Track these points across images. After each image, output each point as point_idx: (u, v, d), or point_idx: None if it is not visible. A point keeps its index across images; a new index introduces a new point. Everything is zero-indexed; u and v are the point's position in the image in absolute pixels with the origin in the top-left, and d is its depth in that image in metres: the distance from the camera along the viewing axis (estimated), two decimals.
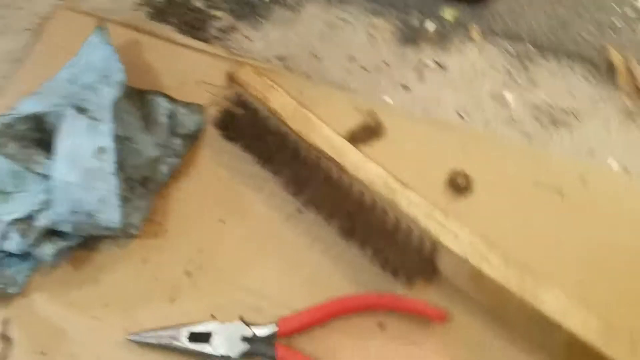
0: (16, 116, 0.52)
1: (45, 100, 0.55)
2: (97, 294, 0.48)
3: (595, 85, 0.58)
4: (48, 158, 0.50)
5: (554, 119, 0.56)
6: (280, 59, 0.62)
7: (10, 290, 0.47)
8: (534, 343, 0.45)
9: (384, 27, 0.63)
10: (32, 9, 0.66)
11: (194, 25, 0.65)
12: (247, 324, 0.46)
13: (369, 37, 0.62)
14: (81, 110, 0.49)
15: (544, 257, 0.48)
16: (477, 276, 0.44)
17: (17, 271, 0.48)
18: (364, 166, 0.48)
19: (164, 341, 0.45)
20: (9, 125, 0.51)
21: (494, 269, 0.43)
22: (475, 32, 0.62)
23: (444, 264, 0.46)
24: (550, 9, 0.62)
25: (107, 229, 0.47)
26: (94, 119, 0.48)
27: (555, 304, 0.42)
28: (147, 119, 0.54)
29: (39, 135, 0.52)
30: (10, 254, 0.47)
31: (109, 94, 0.50)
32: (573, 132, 0.55)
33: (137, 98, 0.55)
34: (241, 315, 0.47)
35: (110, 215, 0.46)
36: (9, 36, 0.64)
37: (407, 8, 0.64)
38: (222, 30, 0.64)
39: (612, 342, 0.40)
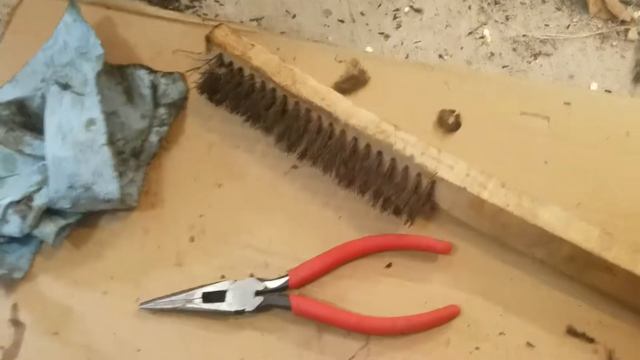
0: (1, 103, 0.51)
1: (24, 86, 0.54)
2: (102, 269, 0.48)
3: (567, 13, 0.59)
4: (37, 139, 0.49)
5: (532, 49, 0.57)
6: (255, 20, 0.61)
7: (15, 275, 0.47)
8: (537, 262, 0.46)
9: None
10: None
11: None
12: (259, 279, 0.46)
13: None
14: (65, 86, 0.48)
15: (537, 182, 0.49)
16: (477, 204, 0.45)
17: (19, 256, 0.48)
18: (355, 113, 0.48)
19: (177, 305, 0.46)
20: None
21: (492, 194, 0.44)
22: None
23: (442, 198, 0.47)
24: None
25: (106, 201, 0.46)
26: (79, 93, 0.48)
27: (554, 219, 0.43)
28: (130, 93, 0.54)
29: (23, 119, 0.52)
30: (11, 240, 0.47)
31: (90, 68, 0.49)
32: (552, 61, 0.57)
33: (117, 73, 0.54)
34: (251, 273, 0.47)
35: (107, 186, 0.46)
36: None
37: None
38: None
39: (613, 249, 0.42)
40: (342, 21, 0.60)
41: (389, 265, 0.48)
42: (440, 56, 0.58)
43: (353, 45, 0.59)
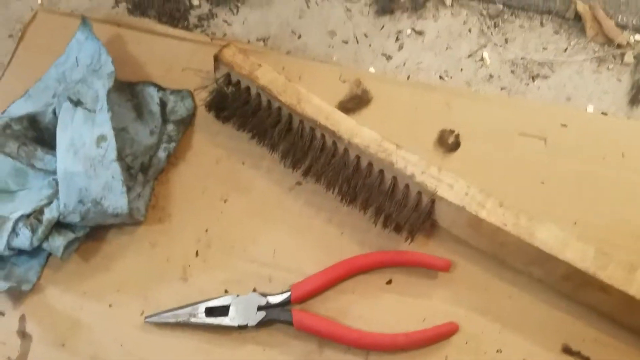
0: (10, 117, 0.53)
1: (37, 101, 0.56)
2: (109, 282, 0.49)
3: (565, 36, 0.60)
4: (48, 153, 0.50)
5: (530, 72, 0.59)
6: (262, 39, 0.63)
7: (24, 287, 0.48)
8: (534, 280, 0.47)
9: (361, 3, 0.64)
10: (10, 15, 0.66)
11: (173, 16, 0.65)
12: (262, 294, 0.47)
13: (346, 11, 0.64)
14: (76, 103, 0.50)
15: (535, 201, 0.50)
16: (475, 222, 0.46)
17: (28, 268, 0.49)
18: (358, 132, 0.50)
19: (181, 319, 0.47)
20: (5, 126, 0.52)
21: (490, 213, 0.46)
22: None
23: (442, 216, 0.49)
24: None
25: (114, 215, 0.48)
26: (90, 110, 0.49)
27: (551, 238, 0.44)
28: (139, 109, 0.55)
29: (35, 133, 0.53)
30: (20, 252, 0.48)
31: (102, 85, 0.51)
32: (549, 83, 0.58)
33: (127, 90, 0.56)
34: (255, 287, 0.48)
35: (116, 201, 0.47)
36: None
37: None
38: (202, 18, 0.65)
39: (608, 268, 0.43)
40: (346, 42, 0.62)
41: (389, 282, 0.49)
42: (441, 77, 0.59)
43: (357, 65, 0.60)
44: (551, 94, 0.58)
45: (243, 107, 0.54)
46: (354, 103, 0.57)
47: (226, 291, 0.48)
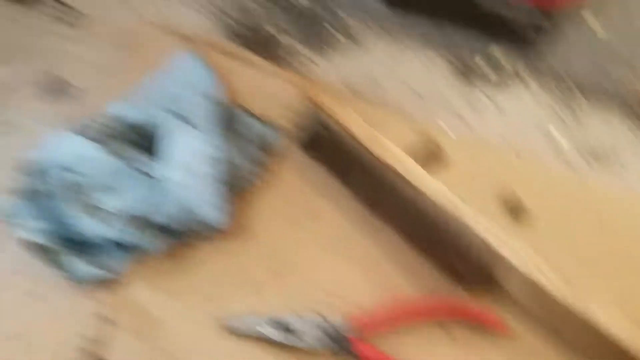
0: (114, 118, 0.58)
1: (139, 108, 0.61)
2: (189, 284, 0.53)
3: (633, 124, 0.65)
4: (149, 158, 0.55)
5: (596, 155, 0.63)
6: (344, 84, 0.68)
7: (112, 276, 0.53)
8: (588, 355, 0.50)
9: (440, 62, 0.70)
10: (115, 24, 0.71)
11: (265, 47, 0.71)
12: (327, 320, 0.51)
13: (427, 70, 0.69)
14: (183, 119, 0.55)
15: (591, 277, 0.53)
16: (534, 289, 0.50)
17: (118, 259, 0.53)
18: (428, 183, 0.54)
19: (252, 331, 0.51)
20: (109, 127, 0.57)
21: (550, 283, 0.49)
22: (522, 70, 0.68)
23: (503, 277, 0.52)
24: (590, 53, 0.69)
25: (206, 226, 0.53)
26: (196, 128, 0.55)
27: (611, 320, 0.47)
28: (232, 132, 0.60)
29: (136, 137, 0.58)
30: (115, 245, 0.53)
31: (209, 106, 0.56)
32: (613, 166, 0.62)
33: (223, 112, 0.61)
34: (318, 310, 0.52)
35: (211, 213, 0.52)
36: (95, 48, 0.69)
37: (460, 47, 0.71)
38: (290, 53, 0.70)
39: None
40: (423, 98, 0.67)
41: (448, 332, 0.52)
42: (510, 146, 0.64)
43: (431, 121, 0.65)
44: (613, 177, 0.62)
45: (330, 149, 0.59)
46: (426, 156, 0.61)
47: (294, 312, 0.52)
